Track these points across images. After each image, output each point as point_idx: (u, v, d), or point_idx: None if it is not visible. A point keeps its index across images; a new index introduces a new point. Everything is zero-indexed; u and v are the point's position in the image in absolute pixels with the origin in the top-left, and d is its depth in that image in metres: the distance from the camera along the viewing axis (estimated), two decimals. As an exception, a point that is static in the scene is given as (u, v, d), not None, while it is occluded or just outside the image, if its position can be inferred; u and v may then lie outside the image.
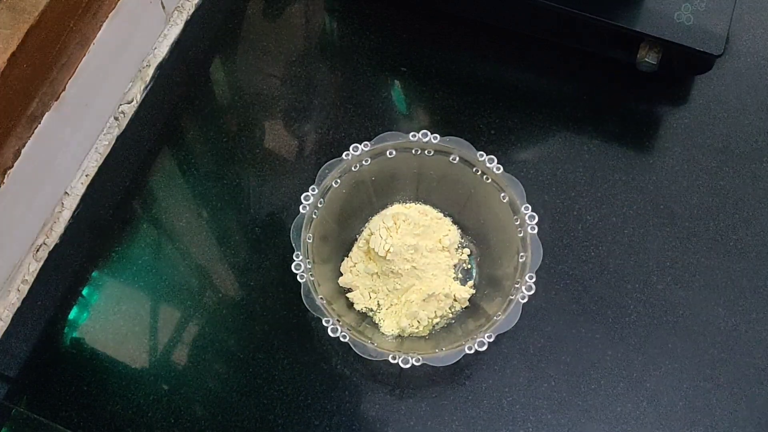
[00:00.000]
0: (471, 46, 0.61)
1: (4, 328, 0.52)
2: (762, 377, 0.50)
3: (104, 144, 0.58)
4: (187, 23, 0.62)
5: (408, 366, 0.45)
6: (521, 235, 0.48)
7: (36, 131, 0.50)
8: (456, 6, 0.61)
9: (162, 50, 0.61)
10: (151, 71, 0.60)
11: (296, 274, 0.47)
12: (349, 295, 0.51)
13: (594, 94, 0.59)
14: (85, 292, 0.54)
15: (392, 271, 0.50)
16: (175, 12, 0.62)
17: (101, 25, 0.53)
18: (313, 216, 0.49)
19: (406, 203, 0.54)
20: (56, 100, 0.51)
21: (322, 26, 0.64)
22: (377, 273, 0.51)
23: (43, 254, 0.54)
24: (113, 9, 0.53)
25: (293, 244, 0.48)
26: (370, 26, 0.62)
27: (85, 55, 0.52)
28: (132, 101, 0.59)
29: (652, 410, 0.50)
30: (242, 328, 0.52)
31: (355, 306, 0.51)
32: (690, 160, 0.57)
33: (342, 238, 0.53)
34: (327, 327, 0.46)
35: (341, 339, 0.45)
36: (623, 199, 0.56)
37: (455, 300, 0.50)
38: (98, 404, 0.50)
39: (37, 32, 0.47)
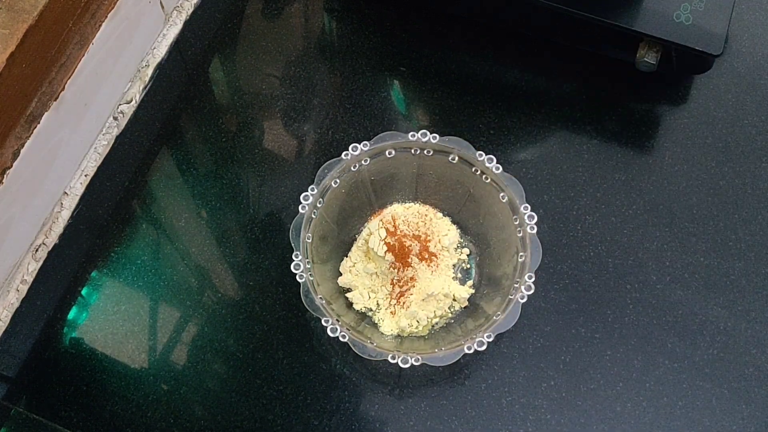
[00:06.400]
0: (470, 46, 0.61)
1: (4, 328, 0.52)
2: (762, 377, 0.50)
3: (103, 144, 0.58)
4: (186, 23, 0.62)
5: (407, 366, 0.45)
6: (520, 234, 0.48)
7: (35, 131, 0.50)
8: (456, 6, 0.61)
9: (161, 50, 0.61)
10: (150, 71, 0.60)
11: (295, 274, 0.47)
12: (348, 294, 0.51)
13: (593, 94, 0.59)
14: (84, 292, 0.54)
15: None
16: (174, 12, 0.62)
17: (100, 25, 0.53)
18: (313, 216, 0.49)
19: (405, 203, 0.54)
20: (55, 100, 0.51)
21: (321, 26, 0.64)
22: (376, 273, 0.51)
23: (42, 254, 0.54)
24: (112, 9, 0.53)
25: (292, 244, 0.48)
26: (369, 26, 0.62)
27: (84, 55, 0.52)
28: (131, 101, 0.59)
29: (651, 410, 0.50)
30: (241, 328, 0.52)
31: (354, 306, 0.51)
32: (689, 160, 0.57)
33: (341, 238, 0.53)
34: (326, 327, 0.46)
35: (340, 339, 0.45)
36: (622, 199, 0.56)
37: (454, 300, 0.50)
38: (98, 404, 0.50)
39: (36, 32, 0.47)
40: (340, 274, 0.52)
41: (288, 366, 0.51)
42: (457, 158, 0.50)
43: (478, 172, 0.50)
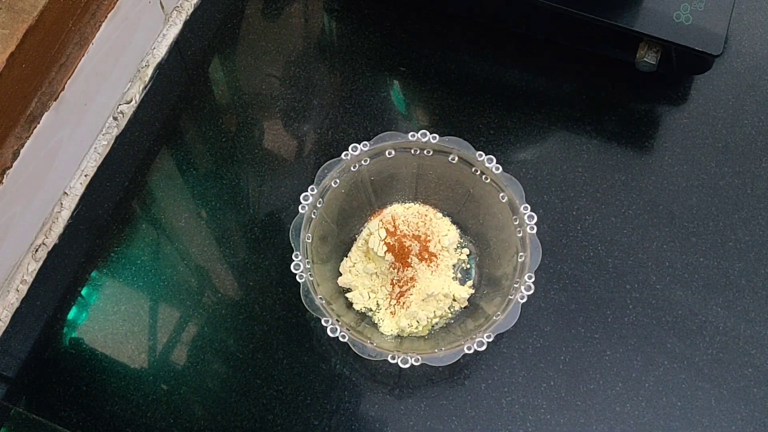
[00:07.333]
0: (470, 46, 0.61)
1: (3, 328, 0.52)
2: (761, 377, 0.50)
3: (103, 144, 0.58)
4: (186, 23, 0.62)
5: (407, 366, 0.45)
6: (520, 234, 0.48)
7: (35, 131, 0.50)
8: (456, 6, 0.61)
9: (161, 50, 0.61)
10: (150, 71, 0.60)
11: (295, 274, 0.47)
12: (348, 295, 0.51)
13: (593, 94, 0.59)
14: (84, 292, 0.54)
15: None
16: (174, 12, 0.62)
17: (100, 25, 0.53)
18: (312, 216, 0.49)
19: (405, 203, 0.54)
20: (55, 100, 0.51)
21: (321, 26, 0.64)
22: (376, 273, 0.51)
23: (42, 254, 0.54)
24: (112, 9, 0.53)
25: (292, 244, 0.48)
26: (369, 26, 0.62)
27: (83, 55, 0.52)
28: (131, 101, 0.59)
29: (650, 410, 0.50)
30: (241, 328, 0.52)
31: (354, 306, 0.51)
32: (689, 160, 0.57)
33: (341, 237, 0.53)
34: (326, 327, 0.46)
35: (340, 339, 0.45)
36: (622, 199, 0.56)
37: (454, 300, 0.51)
38: (97, 404, 0.50)
39: (36, 32, 0.47)
40: (340, 274, 0.52)
41: (288, 366, 0.51)
42: (457, 158, 0.50)
43: (478, 172, 0.50)
